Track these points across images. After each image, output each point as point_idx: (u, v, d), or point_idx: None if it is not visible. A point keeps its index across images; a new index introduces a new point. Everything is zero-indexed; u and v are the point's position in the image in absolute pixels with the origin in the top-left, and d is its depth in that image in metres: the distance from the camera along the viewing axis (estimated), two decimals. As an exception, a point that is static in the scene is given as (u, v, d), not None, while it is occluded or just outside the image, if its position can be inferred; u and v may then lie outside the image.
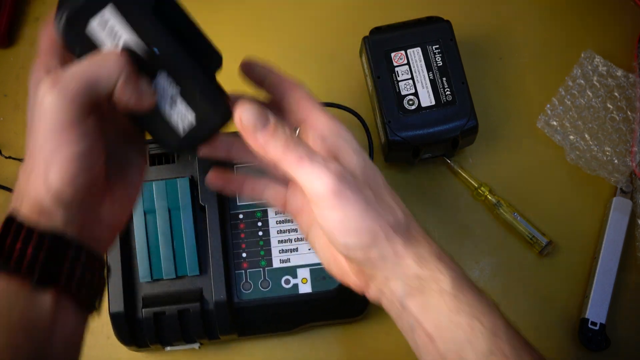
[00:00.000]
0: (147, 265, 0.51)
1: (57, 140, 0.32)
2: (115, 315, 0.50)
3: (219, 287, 0.50)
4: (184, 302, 0.50)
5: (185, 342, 0.51)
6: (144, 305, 0.50)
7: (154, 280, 0.51)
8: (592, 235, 0.58)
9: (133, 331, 0.50)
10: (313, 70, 0.63)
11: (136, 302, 0.51)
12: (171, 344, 0.51)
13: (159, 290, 0.51)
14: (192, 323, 0.50)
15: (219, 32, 0.65)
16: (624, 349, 0.54)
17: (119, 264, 0.50)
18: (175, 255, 0.51)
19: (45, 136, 0.33)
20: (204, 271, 0.51)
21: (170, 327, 0.50)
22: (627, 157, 0.58)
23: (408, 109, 0.55)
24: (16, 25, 0.66)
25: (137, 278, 0.51)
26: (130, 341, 0.51)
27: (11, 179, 0.61)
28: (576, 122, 0.59)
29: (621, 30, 0.63)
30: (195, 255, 0.51)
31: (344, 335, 0.56)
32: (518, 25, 0.64)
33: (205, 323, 0.50)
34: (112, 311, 0.50)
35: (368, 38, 0.57)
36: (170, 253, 0.51)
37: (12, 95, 0.63)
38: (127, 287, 0.50)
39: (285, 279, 0.52)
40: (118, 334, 0.50)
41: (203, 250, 0.51)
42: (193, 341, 0.51)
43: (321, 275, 0.51)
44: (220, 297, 0.50)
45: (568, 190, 0.59)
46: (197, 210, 0.52)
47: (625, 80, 0.60)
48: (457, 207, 0.59)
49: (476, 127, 0.55)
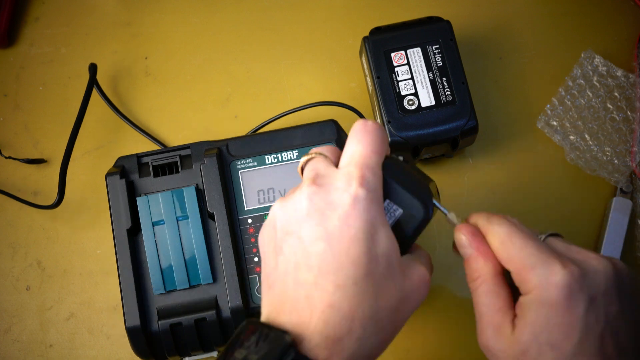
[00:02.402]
0: (160, 277, 0.50)
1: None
2: (132, 330, 0.49)
3: (234, 294, 0.50)
4: (200, 311, 0.49)
5: (203, 351, 0.51)
6: (159, 318, 0.49)
7: (168, 291, 0.50)
8: (592, 235, 0.58)
9: (151, 344, 0.50)
10: (313, 70, 0.63)
11: (151, 315, 0.50)
12: (189, 354, 0.51)
13: (174, 301, 0.50)
14: (209, 331, 0.49)
15: (219, 32, 0.65)
16: (624, 349, 0.55)
17: (131, 278, 0.50)
18: (187, 264, 0.50)
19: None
20: (217, 279, 0.51)
21: (187, 337, 0.49)
22: (627, 157, 0.58)
23: (408, 109, 0.55)
24: (16, 25, 0.66)
25: (151, 291, 0.50)
26: (148, 354, 0.50)
27: (11, 179, 0.61)
28: (576, 122, 0.59)
29: (621, 30, 0.63)
30: (208, 263, 0.50)
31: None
32: (518, 25, 0.64)
33: (222, 330, 0.50)
34: (128, 326, 0.49)
35: (368, 38, 0.57)
36: (181, 263, 0.50)
37: (12, 95, 0.64)
38: (141, 301, 0.50)
39: None
40: (135, 348, 0.50)
41: (215, 258, 0.51)
42: (211, 349, 0.51)
43: None
44: (235, 303, 0.49)
45: (568, 190, 0.59)
46: (206, 217, 0.51)
47: (625, 80, 0.60)
48: (457, 208, 0.59)
49: (476, 127, 0.55)
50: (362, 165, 0.35)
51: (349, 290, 0.32)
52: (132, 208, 0.51)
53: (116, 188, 0.51)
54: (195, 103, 0.63)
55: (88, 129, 0.62)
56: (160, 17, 0.66)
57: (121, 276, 0.50)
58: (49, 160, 0.61)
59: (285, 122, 0.58)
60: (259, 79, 0.63)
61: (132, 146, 0.61)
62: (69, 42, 0.65)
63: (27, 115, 0.63)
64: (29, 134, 0.62)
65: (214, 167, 0.51)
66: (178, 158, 0.52)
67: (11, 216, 0.60)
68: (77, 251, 0.59)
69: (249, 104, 0.63)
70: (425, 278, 0.36)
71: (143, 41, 0.65)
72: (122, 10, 0.66)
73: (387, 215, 0.38)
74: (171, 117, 0.62)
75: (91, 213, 0.60)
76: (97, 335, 0.56)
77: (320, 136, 0.53)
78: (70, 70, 0.64)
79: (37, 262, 0.58)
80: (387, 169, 0.38)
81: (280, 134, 0.53)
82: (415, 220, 0.38)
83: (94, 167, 0.61)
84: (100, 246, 0.59)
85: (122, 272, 0.50)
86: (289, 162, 0.52)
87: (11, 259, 0.59)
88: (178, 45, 0.65)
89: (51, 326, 0.57)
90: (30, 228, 0.59)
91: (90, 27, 0.66)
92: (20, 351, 0.56)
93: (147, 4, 0.66)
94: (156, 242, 0.50)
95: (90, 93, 0.60)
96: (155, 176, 0.52)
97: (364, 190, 0.34)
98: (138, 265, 0.51)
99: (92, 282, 0.58)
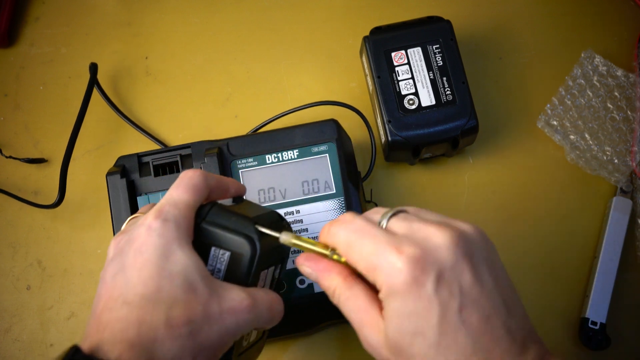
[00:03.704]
0: None
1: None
2: None
3: None
4: None
5: None
6: None
7: None
8: (592, 235, 0.58)
9: None
10: (313, 70, 0.63)
11: None
12: None
13: None
14: None
15: (219, 32, 0.65)
16: (624, 348, 0.55)
17: None
18: None
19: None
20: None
21: None
22: (627, 157, 0.58)
23: (408, 108, 0.55)
24: (16, 25, 0.66)
25: None
26: None
27: (12, 179, 0.61)
28: (576, 121, 0.59)
29: (621, 30, 0.63)
30: None
31: (356, 335, 0.56)
32: (518, 25, 0.64)
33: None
34: None
35: (368, 38, 0.57)
36: None
37: (12, 95, 0.64)
38: None
39: (300, 279, 0.51)
40: None
41: None
42: None
43: None
44: None
45: (568, 190, 0.59)
46: None
47: (625, 80, 0.60)
48: (457, 207, 0.59)
49: (476, 127, 0.55)
50: (164, 201, 0.38)
51: (136, 304, 0.34)
52: (133, 207, 0.51)
53: (117, 187, 0.51)
54: (195, 103, 0.63)
55: (88, 129, 0.62)
56: (160, 17, 0.66)
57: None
58: (49, 160, 0.61)
59: (286, 122, 0.58)
60: (259, 78, 0.63)
61: (132, 146, 0.61)
62: (69, 42, 0.65)
63: (27, 115, 0.63)
64: (30, 134, 0.62)
65: (214, 167, 0.51)
66: (179, 157, 0.52)
67: (11, 216, 0.60)
68: (77, 251, 0.59)
69: (249, 103, 0.63)
70: (242, 303, 0.37)
71: (143, 41, 0.65)
72: (122, 10, 0.66)
73: (217, 262, 0.39)
74: (171, 116, 0.62)
75: (91, 213, 0.60)
76: (98, 334, 0.56)
77: (320, 136, 0.53)
78: (71, 70, 0.64)
79: (38, 261, 0.58)
80: (204, 216, 0.39)
81: (281, 134, 0.53)
82: (245, 257, 0.38)
83: (95, 167, 0.61)
84: (100, 246, 0.59)
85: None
86: (289, 161, 0.52)
87: (11, 259, 0.59)
88: (178, 45, 0.65)
89: (51, 326, 0.57)
90: (31, 228, 0.59)
91: (91, 27, 0.66)
92: (21, 351, 0.56)
93: (147, 4, 0.66)
94: None
95: (91, 93, 0.60)
96: (156, 176, 0.52)
97: (158, 220, 0.37)
98: None
99: (93, 282, 0.58)
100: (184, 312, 0.35)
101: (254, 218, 0.39)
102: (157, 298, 0.35)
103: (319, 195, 0.52)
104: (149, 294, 0.35)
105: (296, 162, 0.52)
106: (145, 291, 0.35)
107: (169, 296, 0.35)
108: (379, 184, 0.59)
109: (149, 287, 0.35)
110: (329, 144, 0.53)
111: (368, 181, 0.58)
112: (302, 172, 0.52)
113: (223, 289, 0.37)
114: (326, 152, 0.53)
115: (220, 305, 0.36)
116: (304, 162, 0.52)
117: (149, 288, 0.35)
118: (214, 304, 0.36)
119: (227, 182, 0.43)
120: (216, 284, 0.37)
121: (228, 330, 0.36)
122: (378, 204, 0.58)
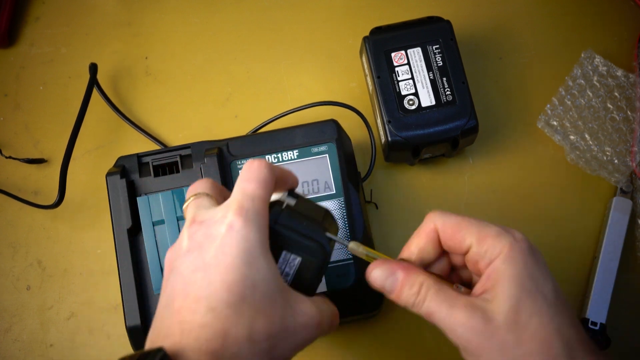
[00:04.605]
0: (160, 277, 0.50)
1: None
2: (132, 329, 0.49)
3: None
4: None
5: None
6: None
7: None
8: (592, 235, 0.58)
9: None
10: (313, 70, 0.63)
11: (152, 314, 0.50)
12: None
13: None
14: None
15: (219, 32, 0.65)
16: (624, 349, 0.55)
17: (131, 278, 0.50)
18: None
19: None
20: None
21: None
22: (627, 157, 0.58)
23: (408, 108, 0.55)
24: (16, 25, 0.66)
25: (151, 290, 0.50)
26: None
27: (12, 179, 0.61)
28: (576, 122, 0.59)
29: (621, 30, 0.63)
30: None
31: (360, 333, 0.56)
32: (518, 25, 0.64)
33: None
34: (129, 325, 0.49)
35: (368, 38, 0.57)
36: None
37: (12, 95, 0.64)
38: (141, 300, 0.50)
39: None
40: (136, 347, 0.49)
41: None
42: None
43: (335, 273, 0.51)
44: None
45: (568, 190, 0.59)
46: None
47: (625, 80, 0.60)
48: (457, 208, 0.59)
49: (476, 127, 0.55)
50: (241, 196, 0.37)
51: (221, 312, 0.33)
52: (133, 208, 0.51)
53: (116, 188, 0.51)
54: (195, 103, 0.63)
55: (88, 129, 0.62)
56: (160, 17, 0.66)
57: (121, 276, 0.50)
58: (49, 160, 0.61)
59: (286, 122, 0.58)
60: (259, 79, 0.63)
61: (132, 146, 0.61)
62: (69, 42, 0.65)
63: (27, 115, 0.63)
64: (29, 134, 0.62)
65: (214, 167, 0.51)
66: (178, 158, 0.52)
67: (11, 216, 0.60)
68: (77, 251, 0.59)
69: (249, 103, 0.63)
70: (314, 319, 0.37)
71: (143, 41, 0.65)
72: (122, 10, 0.66)
73: (286, 265, 0.38)
74: (171, 116, 0.62)
75: (91, 213, 0.60)
76: (98, 334, 0.56)
77: (320, 136, 0.53)
78: (71, 70, 0.64)
79: (38, 261, 0.58)
80: (276, 218, 0.38)
81: (281, 134, 0.53)
82: (316, 263, 0.38)
83: (94, 167, 0.61)
84: (100, 246, 0.59)
85: (122, 272, 0.50)
86: (289, 161, 0.52)
87: (11, 259, 0.59)
88: (178, 45, 0.65)
89: (51, 326, 0.57)
90: (31, 228, 0.59)
91: (90, 27, 0.66)
92: (21, 351, 0.56)
93: (147, 4, 0.66)
94: (157, 241, 0.50)
95: (91, 93, 0.60)
96: (156, 176, 0.52)
97: (240, 218, 0.35)
98: (138, 264, 0.51)
99: (93, 282, 0.58)
100: (265, 326, 0.34)
101: (322, 222, 0.39)
102: (241, 308, 0.34)
103: (319, 195, 0.52)
104: (233, 302, 0.34)
105: (296, 163, 0.52)
106: (230, 299, 0.34)
107: (252, 307, 0.34)
108: (379, 184, 0.59)
109: (234, 294, 0.34)
110: (329, 145, 0.53)
111: (368, 181, 0.58)
112: (302, 172, 0.52)
113: (295, 301, 0.36)
114: (326, 153, 0.53)
115: (295, 320, 0.36)
116: (303, 162, 0.52)
117: (233, 296, 0.34)
118: (289, 318, 0.35)
119: (287, 174, 0.42)
120: (289, 295, 0.36)
121: (297, 346, 0.36)
122: (378, 205, 0.58)
